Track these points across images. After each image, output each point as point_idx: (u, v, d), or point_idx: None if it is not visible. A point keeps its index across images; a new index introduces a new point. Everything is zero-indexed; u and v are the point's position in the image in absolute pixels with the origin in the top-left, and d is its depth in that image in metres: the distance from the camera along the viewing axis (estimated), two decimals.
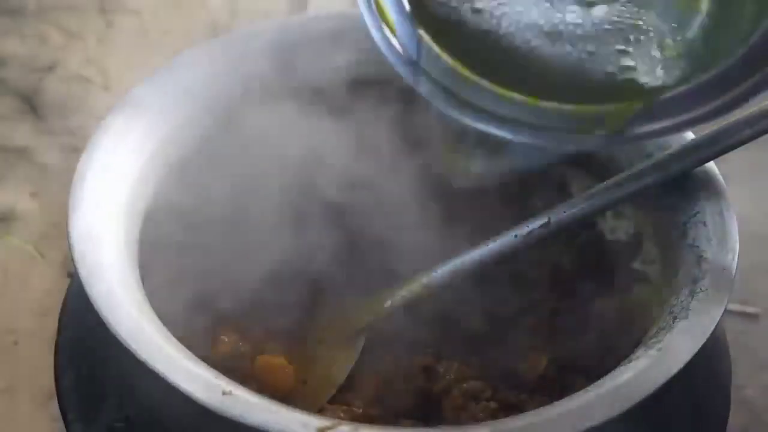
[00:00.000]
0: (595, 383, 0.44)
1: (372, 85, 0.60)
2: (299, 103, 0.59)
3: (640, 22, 0.51)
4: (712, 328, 0.46)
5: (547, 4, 0.52)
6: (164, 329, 0.45)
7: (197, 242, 0.56)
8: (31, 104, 0.89)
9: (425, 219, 0.59)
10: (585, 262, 0.60)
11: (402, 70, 0.54)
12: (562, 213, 0.53)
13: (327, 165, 0.59)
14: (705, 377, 0.50)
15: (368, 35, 0.54)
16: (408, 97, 0.61)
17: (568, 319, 0.57)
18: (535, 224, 0.53)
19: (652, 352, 0.45)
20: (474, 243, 0.55)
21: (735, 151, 0.51)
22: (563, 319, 0.57)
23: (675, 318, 0.47)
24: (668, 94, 0.50)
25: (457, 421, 0.51)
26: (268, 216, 0.58)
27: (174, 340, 0.45)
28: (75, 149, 0.83)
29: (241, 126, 0.59)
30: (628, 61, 0.50)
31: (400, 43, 0.54)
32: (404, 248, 0.58)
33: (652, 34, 0.51)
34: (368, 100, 0.61)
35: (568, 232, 0.59)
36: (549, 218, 0.53)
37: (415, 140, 0.62)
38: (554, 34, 0.51)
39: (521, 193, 0.62)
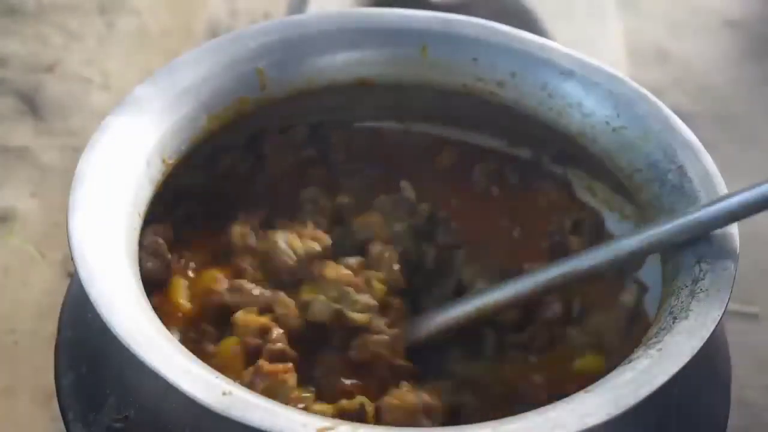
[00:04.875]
0: (595, 383, 0.44)
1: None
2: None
3: None
4: (712, 328, 0.45)
5: None
6: (164, 329, 0.45)
7: None
8: (31, 104, 0.89)
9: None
10: None
11: None
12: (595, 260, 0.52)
13: None
14: (705, 377, 0.50)
15: None
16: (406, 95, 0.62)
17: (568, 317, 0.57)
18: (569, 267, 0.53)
19: (652, 352, 0.45)
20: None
21: (735, 150, 0.51)
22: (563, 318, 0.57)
23: (675, 318, 0.47)
24: None
25: None
26: None
27: (174, 340, 0.45)
28: (75, 149, 0.83)
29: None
30: None
31: None
32: None
33: None
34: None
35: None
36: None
37: None
38: None
39: (526, 193, 0.62)
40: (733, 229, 0.50)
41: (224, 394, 0.42)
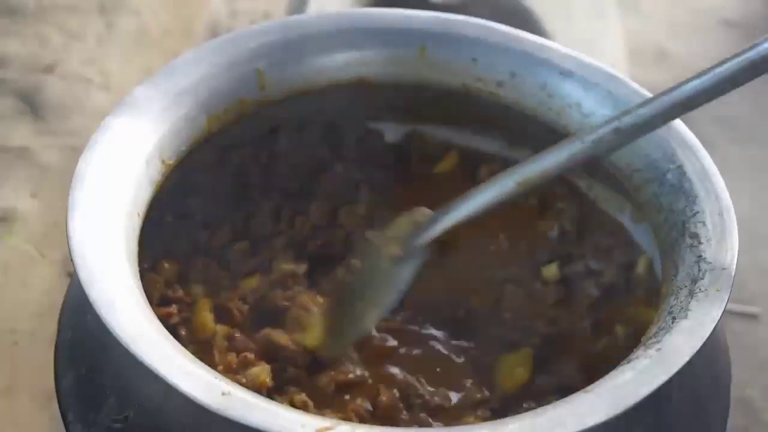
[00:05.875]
0: (596, 383, 0.44)
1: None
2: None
3: None
4: (712, 328, 0.46)
5: None
6: (164, 329, 0.45)
7: None
8: (31, 104, 0.89)
9: None
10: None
11: None
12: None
13: None
14: (705, 377, 0.50)
15: None
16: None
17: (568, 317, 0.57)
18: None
19: (652, 352, 0.45)
20: None
21: (735, 150, 0.51)
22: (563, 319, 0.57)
23: (675, 318, 0.47)
24: None
25: None
26: None
27: (174, 340, 0.45)
28: (75, 149, 0.83)
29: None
30: None
31: None
32: None
33: None
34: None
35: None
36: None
37: None
38: None
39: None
40: (733, 227, 0.50)
41: (224, 394, 0.42)
